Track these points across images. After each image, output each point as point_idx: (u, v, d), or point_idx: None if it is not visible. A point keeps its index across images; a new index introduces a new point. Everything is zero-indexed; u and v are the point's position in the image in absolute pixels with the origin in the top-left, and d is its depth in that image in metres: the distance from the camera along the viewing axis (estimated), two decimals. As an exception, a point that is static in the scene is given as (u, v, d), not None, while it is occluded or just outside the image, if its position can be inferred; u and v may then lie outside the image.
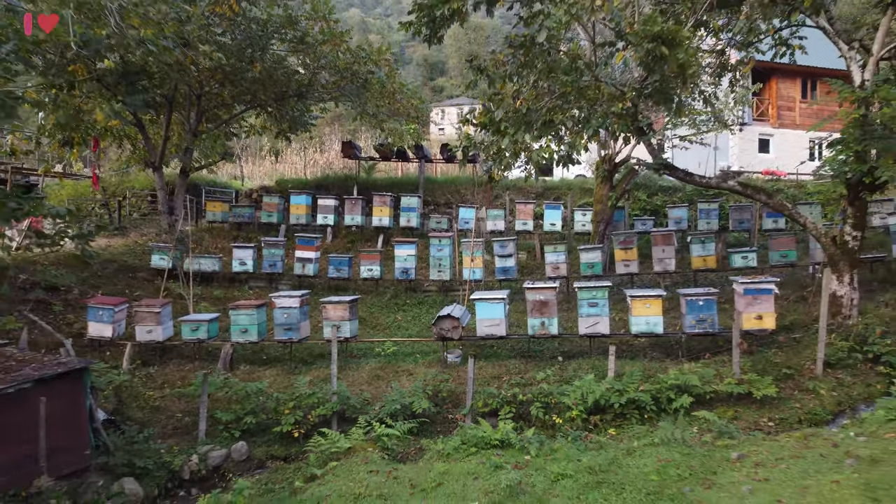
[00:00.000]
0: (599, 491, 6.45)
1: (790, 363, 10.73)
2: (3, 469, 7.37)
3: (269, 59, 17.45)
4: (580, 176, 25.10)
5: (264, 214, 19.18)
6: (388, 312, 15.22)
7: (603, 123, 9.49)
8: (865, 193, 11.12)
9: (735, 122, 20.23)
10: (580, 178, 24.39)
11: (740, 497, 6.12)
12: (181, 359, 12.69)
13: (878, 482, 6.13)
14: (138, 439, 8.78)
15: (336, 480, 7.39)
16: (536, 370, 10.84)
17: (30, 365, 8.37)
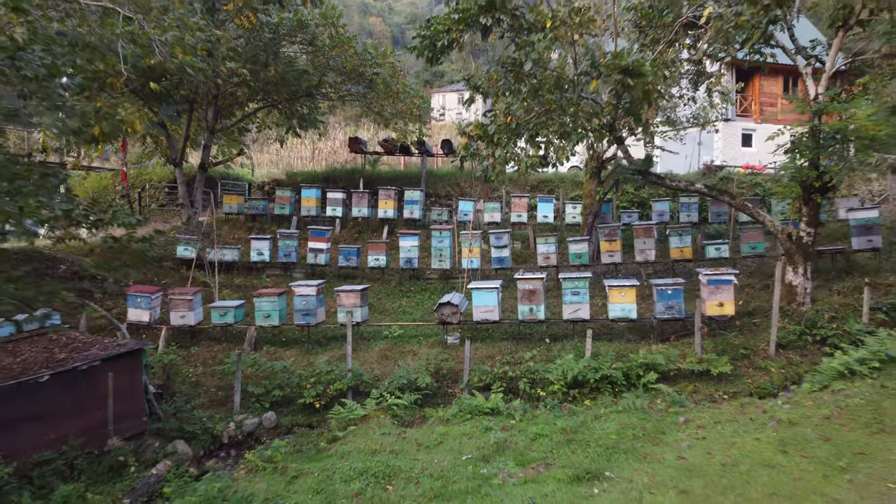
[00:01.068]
0: (569, 446, 8.06)
1: (747, 345, 12.31)
2: (82, 431, 8.99)
3: (282, 63, 18.82)
4: (574, 167, 26.47)
5: (277, 207, 20.65)
6: (393, 299, 16.78)
7: (582, 137, 10.97)
8: (817, 195, 12.60)
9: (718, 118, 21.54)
10: (574, 170, 25.77)
11: (680, 450, 7.73)
12: (209, 341, 14.28)
13: (789, 439, 7.75)
14: (186, 409, 10.40)
15: (355, 440, 9.01)
16: (525, 350, 12.43)
17: (95, 346, 9.96)
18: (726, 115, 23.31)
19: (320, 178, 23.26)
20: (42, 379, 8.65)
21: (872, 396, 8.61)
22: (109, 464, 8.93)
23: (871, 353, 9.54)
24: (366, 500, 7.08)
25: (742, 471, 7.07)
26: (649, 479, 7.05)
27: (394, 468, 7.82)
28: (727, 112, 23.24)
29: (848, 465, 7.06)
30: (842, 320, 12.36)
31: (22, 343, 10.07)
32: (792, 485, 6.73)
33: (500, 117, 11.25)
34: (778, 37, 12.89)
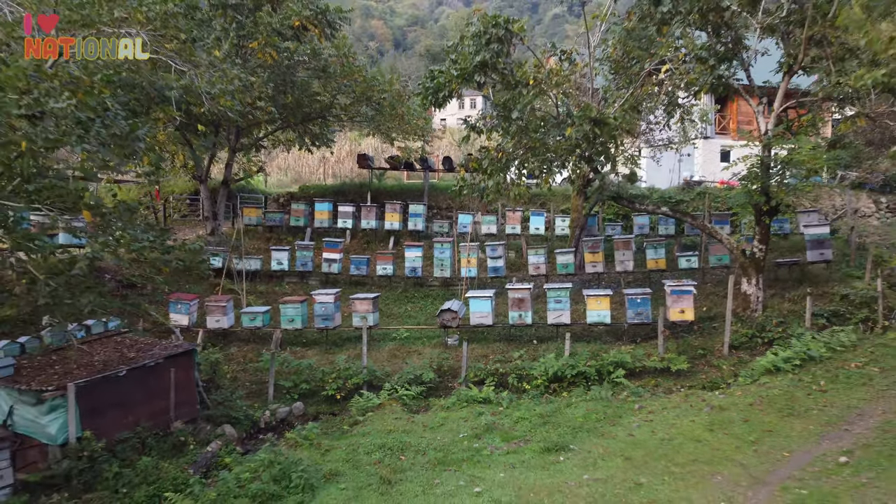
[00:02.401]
0: (544, 427, 10.22)
1: (705, 345, 14.46)
2: (150, 416, 11.14)
3: (298, 89, 20.92)
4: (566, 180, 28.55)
5: (293, 219, 22.81)
6: (400, 304, 18.91)
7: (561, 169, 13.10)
8: (766, 218, 14.74)
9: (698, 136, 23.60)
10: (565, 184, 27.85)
11: (630, 429, 9.89)
12: (239, 342, 16.43)
13: (717, 421, 9.92)
14: (230, 399, 12.55)
15: (373, 423, 11.17)
16: (514, 350, 14.58)
17: (156, 347, 12.12)
18: (706, 133, 25.38)
19: (331, 192, 25.41)
20: (121, 373, 10.80)
21: (789, 388, 10.78)
22: (173, 442, 11.06)
23: (795, 354, 11.70)
24: (384, 466, 9.23)
25: (675, 444, 9.23)
26: (603, 450, 9.20)
27: (405, 443, 9.98)
28: (706, 130, 25.30)
29: (757, 439, 9.23)
30: (788, 325, 14.48)
31: (95, 344, 12.21)
32: (711, 454, 8.89)
33: (493, 153, 13.39)
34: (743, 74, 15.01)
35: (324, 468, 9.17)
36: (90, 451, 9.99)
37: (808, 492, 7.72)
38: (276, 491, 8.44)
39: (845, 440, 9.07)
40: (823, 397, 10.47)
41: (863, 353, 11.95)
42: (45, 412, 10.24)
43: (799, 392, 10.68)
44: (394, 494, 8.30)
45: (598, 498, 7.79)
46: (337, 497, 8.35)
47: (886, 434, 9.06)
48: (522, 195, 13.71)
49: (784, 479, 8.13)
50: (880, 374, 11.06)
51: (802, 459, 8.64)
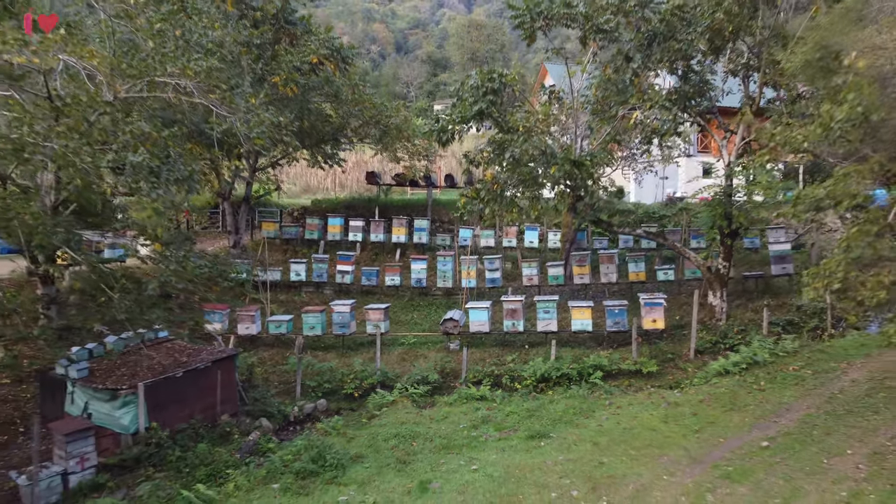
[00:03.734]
0: (530, 419, 12.49)
1: (674, 350, 16.72)
2: (201, 410, 13.41)
3: (313, 114, 23.14)
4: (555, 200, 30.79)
5: (307, 232, 25.08)
6: (406, 312, 21.16)
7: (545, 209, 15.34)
8: (728, 239, 16.99)
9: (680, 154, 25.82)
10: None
11: (600, 421, 12.17)
12: (265, 346, 18.67)
13: (671, 414, 12.19)
14: (265, 396, 14.83)
15: (387, 417, 13.44)
16: (508, 354, 16.85)
17: (203, 352, 14.39)
18: (688, 151, 27.56)
19: (342, 206, 27.68)
20: (178, 375, 13.08)
21: (734, 388, 13.06)
22: (220, 432, 13.33)
23: (742, 358, 13.97)
24: (399, 450, 11.50)
25: (634, 432, 11.50)
26: (576, 437, 11.47)
27: (415, 432, 12.25)
28: (689, 150, 27.49)
29: (701, 429, 11.51)
30: (747, 333, 16.72)
31: (152, 349, 14.46)
32: (662, 440, 11.16)
33: (490, 184, 15.65)
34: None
35: (350, 452, 11.45)
36: (157, 438, 12.28)
37: (732, 468, 9.99)
38: (314, 468, 10.72)
39: (771, 429, 11.34)
40: (761, 395, 12.74)
41: (801, 357, 14.20)
42: (119, 407, 12.52)
43: (741, 391, 12.95)
44: (408, 471, 10.57)
45: (569, 472, 10.05)
46: (363, 473, 10.62)
47: (805, 425, 11.34)
48: (515, 220, 15.96)
49: (717, 459, 10.39)
50: (812, 376, 13.32)
51: (734, 444, 10.90)
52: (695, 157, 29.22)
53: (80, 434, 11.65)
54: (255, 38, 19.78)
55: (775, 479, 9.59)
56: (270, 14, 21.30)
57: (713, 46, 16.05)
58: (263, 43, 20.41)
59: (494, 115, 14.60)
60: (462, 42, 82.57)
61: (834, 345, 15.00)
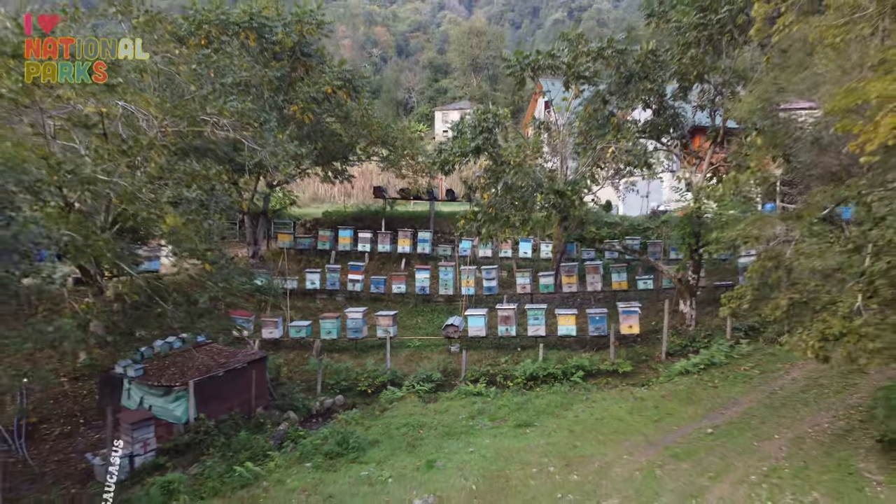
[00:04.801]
0: (518, 411, 14.93)
1: (647, 353, 19.12)
2: (239, 404, 15.83)
3: (326, 136, 25.54)
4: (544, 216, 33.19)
5: (320, 243, 27.49)
6: (411, 317, 23.57)
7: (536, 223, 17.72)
8: (696, 254, 19.39)
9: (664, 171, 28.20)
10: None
11: (577, 413, 14.60)
12: (286, 349, 21.08)
13: (636, 407, 14.63)
14: (291, 392, 17.26)
15: (398, 410, 15.87)
16: (502, 356, 19.27)
17: (239, 354, 16.81)
18: (671, 167, 29.93)
19: (350, 218, 30.10)
20: (220, 374, 15.50)
21: (692, 385, 15.49)
22: (255, 423, 15.75)
23: (701, 360, 16.39)
24: (409, 436, 13.93)
25: (604, 421, 13.93)
26: (556, 426, 13.90)
27: (422, 422, 14.68)
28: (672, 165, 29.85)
29: (659, 419, 13.93)
30: (713, 337, 19.13)
31: (192, 352, 16.88)
32: (626, 428, 13.59)
33: (485, 207, 18.06)
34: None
35: (368, 438, 13.88)
36: (204, 427, 14.72)
37: (680, 450, 12.41)
38: (340, 450, 13.14)
39: (718, 419, 13.77)
40: (714, 391, 15.17)
41: (753, 359, 16.63)
42: (172, 400, 14.97)
43: (698, 388, 15.38)
44: (417, 453, 13.00)
45: (548, 453, 12.48)
46: (379, 454, 13.06)
47: (745, 415, 13.77)
48: (509, 237, 18.35)
49: (669, 443, 12.81)
50: (759, 375, 15.75)
51: (685, 431, 13.33)
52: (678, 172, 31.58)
53: (143, 423, 14.09)
54: (275, 70, 22.19)
55: (713, 457, 12.01)
56: (288, 47, 23.69)
57: (682, 86, 18.45)
58: (283, 75, 22.80)
59: (489, 150, 17.01)
60: (463, 49, 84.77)
61: (783, 349, 17.39)
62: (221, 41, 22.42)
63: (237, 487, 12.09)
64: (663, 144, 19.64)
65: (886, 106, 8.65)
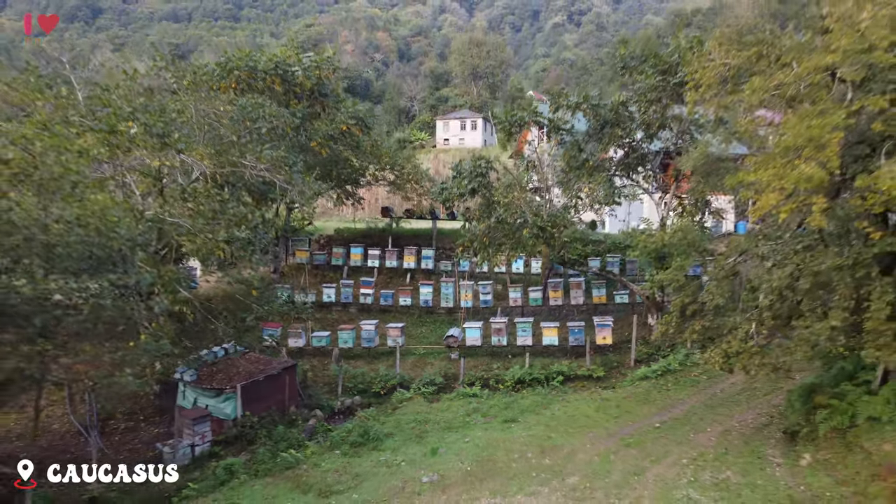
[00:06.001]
0: (506, 410, 18.44)
1: (619, 360, 22.59)
2: (275, 404, 19.33)
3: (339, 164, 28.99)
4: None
5: (334, 259, 30.97)
6: (416, 327, 27.03)
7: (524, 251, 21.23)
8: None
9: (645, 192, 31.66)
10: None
11: (553, 411, 18.12)
12: (308, 356, 24.55)
13: (602, 406, 18.17)
14: (317, 394, 20.76)
15: (406, 408, 19.37)
16: (495, 363, 22.76)
17: (274, 362, 20.31)
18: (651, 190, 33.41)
19: (360, 235, 33.58)
20: (260, 379, 18.99)
21: (649, 388, 18.99)
22: (289, 419, 19.24)
23: (659, 367, 19.87)
24: (416, 429, 17.43)
25: (575, 418, 17.42)
26: (536, 421, 17.40)
27: (427, 418, 18.17)
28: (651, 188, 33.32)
29: (619, 416, 17.44)
30: (675, 347, 22.57)
31: (234, 361, 20.33)
32: (592, 423, 17.10)
33: (480, 237, 21.53)
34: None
35: (384, 430, 17.39)
36: (249, 423, 18.22)
37: (632, 440, 15.89)
38: (362, 441, 16.64)
39: (666, 416, 17.25)
40: (667, 393, 18.66)
41: (702, 367, 20.06)
42: (222, 401, 18.47)
43: (654, 390, 18.87)
44: (423, 442, 16.50)
45: (528, 443, 15.97)
46: (393, 444, 16.55)
47: (688, 413, 17.25)
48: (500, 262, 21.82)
49: (624, 434, 16.29)
50: (706, 380, 19.23)
51: (638, 426, 16.81)
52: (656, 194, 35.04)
53: (202, 419, 17.59)
54: (297, 112, 25.66)
55: (656, 446, 15.50)
56: (307, 88, 27.19)
57: (647, 133, 21.92)
58: (304, 115, 26.27)
59: (482, 192, 20.47)
60: (463, 58, 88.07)
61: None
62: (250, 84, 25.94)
63: (283, 469, 15.59)
64: (632, 180, 23.12)
65: (769, 186, 12.11)
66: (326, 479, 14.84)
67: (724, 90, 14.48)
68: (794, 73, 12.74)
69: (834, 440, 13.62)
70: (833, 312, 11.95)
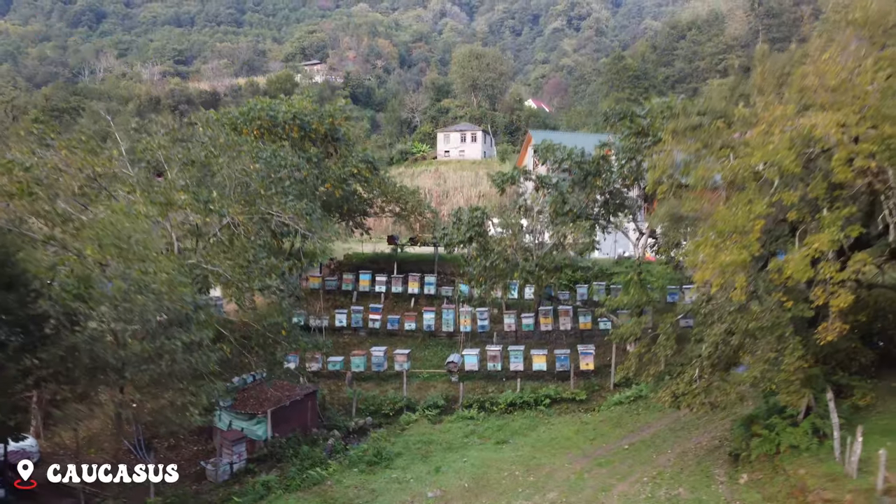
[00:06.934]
0: (499, 432, 21.71)
1: (600, 384, 25.82)
2: (299, 426, 22.56)
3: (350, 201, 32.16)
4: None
5: (344, 284, 34.18)
6: (420, 350, 30.22)
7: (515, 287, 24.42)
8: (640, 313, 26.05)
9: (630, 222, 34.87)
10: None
11: (539, 433, 21.38)
12: (324, 378, 27.76)
13: (581, 429, 21.46)
14: (334, 416, 24.00)
15: (413, 429, 22.63)
16: (490, 386, 25.99)
17: (297, 388, 23.54)
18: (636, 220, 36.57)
19: (368, 260, 36.78)
20: (287, 404, 22.22)
21: (622, 413, 22.22)
22: (311, 439, 22.45)
23: (632, 393, 23.07)
24: (422, 449, 20.65)
25: (557, 440, 20.67)
26: (524, 443, 20.63)
27: (431, 439, 21.41)
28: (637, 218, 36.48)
29: (595, 438, 20.72)
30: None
31: (262, 387, 23.51)
32: (571, 445, 20.36)
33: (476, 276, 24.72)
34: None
35: (394, 451, 20.61)
36: (278, 443, 21.44)
37: (604, 460, 19.11)
38: (376, 460, 19.87)
39: (634, 439, 20.47)
40: (637, 417, 21.87)
41: (671, 392, 23.22)
42: (255, 424, 21.70)
43: (626, 415, 22.08)
44: (428, 462, 19.73)
45: (516, 462, 19.19)
46: (403, 463, 19.78)
47: (653, 436, 20.48)
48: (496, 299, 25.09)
49: (597, 455, 19.52)
50: (672, 405, 22.40)
51: (610, 447, 20.03)
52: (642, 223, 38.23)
53: (238, 440, 20.82)
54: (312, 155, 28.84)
55: (623, 465, 18.71)
56: (321, 133, 30.38)
57: (625, 184, 25.13)
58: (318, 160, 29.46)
59: (479, 240, 23.69)
60: (463, 70, 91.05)
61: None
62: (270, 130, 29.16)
63: (311, 485, 18.84)
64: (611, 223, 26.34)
65: (704, 264, 15.29)
66: (348, 493, 18.08)
67: (677, 171, 17.71)
68: (729, 165, 15.95)
69: (764, 463, 16.84)
70: (755, 364, 15.15)
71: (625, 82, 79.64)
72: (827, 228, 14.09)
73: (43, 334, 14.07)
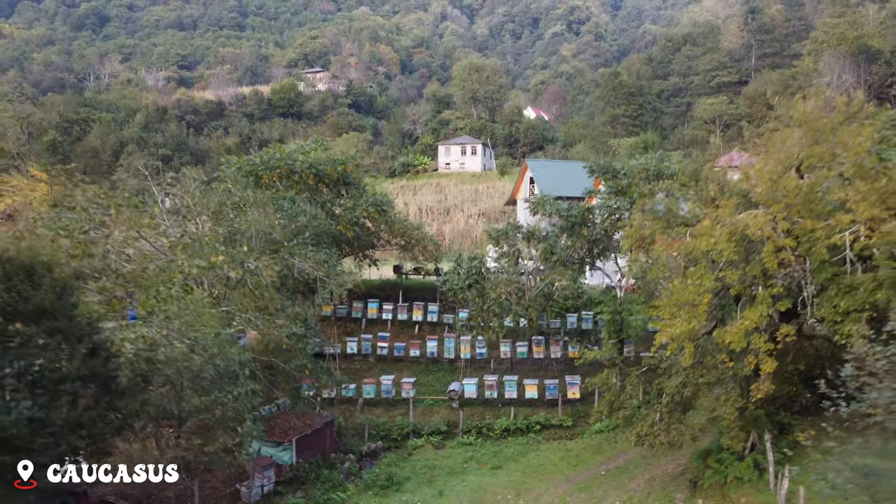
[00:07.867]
0: (494, 458, 25.19)
1: (585, 411, 29.23)
2: (319, 451, 26.02)
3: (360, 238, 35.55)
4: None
5: (354, 312, 37.59)
6: (423, 376, 33.64)
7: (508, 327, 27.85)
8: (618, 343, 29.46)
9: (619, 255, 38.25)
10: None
11: (529, 459, 24.85)
12: (337, 403, 31.16)
13: (565, 456, 24.96)
14: (350, 440, 27.46)
15: (418, 455, 26.10)
16: (487, 412, 29.43)
17: (316, 418, 26.98)
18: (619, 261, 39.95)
19: (375, 288, 40.17)
20: (308, 432, 25.66)
21: (602, 440, 25.69)
22: (329, 463, 25.91)
23: (611, 422, 26.49)
24: (427, 474, 24.11)
25: (544, 466, 24.14)
26: (515, 468, 24.10)
27: (435, 465, 24.86)
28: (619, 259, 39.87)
29: (577, 464, 24.21)
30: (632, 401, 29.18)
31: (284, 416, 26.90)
32: (556, 470, 23.84)
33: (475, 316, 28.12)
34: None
35: (403, 475, 24.06)
36: (302, 468, 24.88)
37: (584, 485, 22.56)
38: (387, 484, 23.32)
39: (611, 465, 23.91)
40: (615, 445, 25.31)
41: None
42: (281, 450, 25.15)
43: (605, 443, 25.52)
44: (433, 486, 23.18)
45: (508, 486, 22.63)
46: (411, 486, 23.23)
47: (628, 463, 23.92)
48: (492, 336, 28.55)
49: (578, 481, 22.96)
50: (646, 433, 25.84)
51: (590, 473, 23.47)
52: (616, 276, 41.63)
53: (268, 466, 24.26)
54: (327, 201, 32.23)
55: (599, 490, 22.16)
56: (334, 178, 33.76)
57: (607, 234, 28.52)
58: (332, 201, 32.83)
59: (477, 287, 27.08)
60: (464, 83, 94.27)
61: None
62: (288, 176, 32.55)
63: (334, 507, 22.31)
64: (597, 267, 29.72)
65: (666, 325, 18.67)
66: (365, 514, 21.56)
67: (644, 244, 21.11)
68: (685, 245, 19.33)
69: (715, 492, 20.28)
70: (702, 412, 18.58)
71: (620, 99, 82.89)
72: (759, 305, 17.47)
73: (120, 390, 17.47)
